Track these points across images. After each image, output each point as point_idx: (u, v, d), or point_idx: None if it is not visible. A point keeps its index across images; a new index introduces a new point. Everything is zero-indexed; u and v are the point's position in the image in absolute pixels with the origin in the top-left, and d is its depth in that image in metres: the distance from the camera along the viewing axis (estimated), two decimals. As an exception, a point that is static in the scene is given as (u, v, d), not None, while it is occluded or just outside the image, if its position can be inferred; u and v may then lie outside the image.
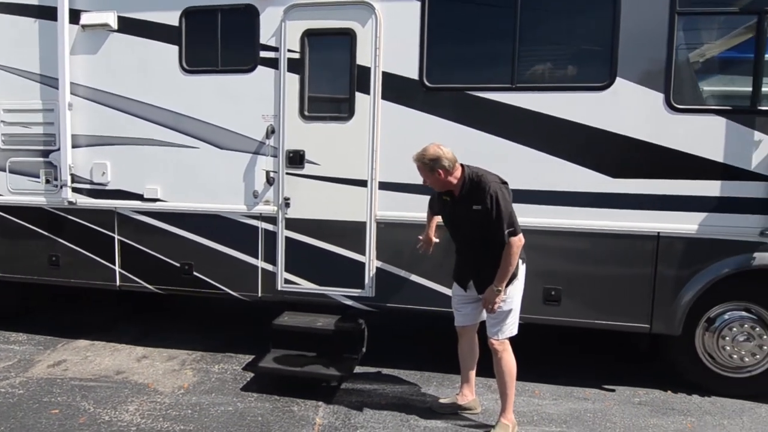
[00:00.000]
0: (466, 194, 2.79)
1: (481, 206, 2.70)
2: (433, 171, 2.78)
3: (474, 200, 2.74)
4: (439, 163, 2.74)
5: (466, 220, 2.82)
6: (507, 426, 2.91)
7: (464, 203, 2.80)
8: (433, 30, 3.47)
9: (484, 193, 2.69)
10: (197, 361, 3.99)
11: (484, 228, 2.73)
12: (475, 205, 2.73)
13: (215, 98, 3.84)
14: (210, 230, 3.94)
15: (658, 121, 3.25)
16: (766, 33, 3.09)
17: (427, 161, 2.78)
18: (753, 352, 3.35)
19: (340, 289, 3.78)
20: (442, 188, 2.88)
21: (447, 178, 2.79)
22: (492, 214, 2.67)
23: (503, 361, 2.87)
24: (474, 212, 2.73)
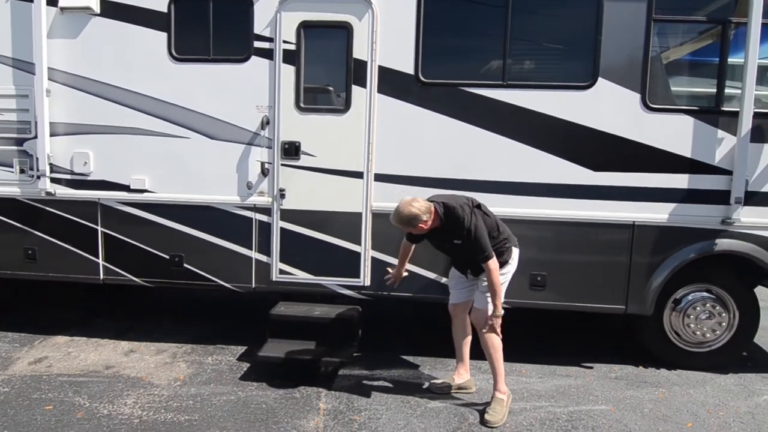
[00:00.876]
0: (446, 230, 3.00)
1: (461, 240, 2.96)
2: (415, 227, 2.97)
3: (454, 235, 2.98)
4: (418, 219, 2.93)
5: (451, 249, 3.14)
6: (501, 399, 3.09)
7: (445, 237, 3.04)
8: (428, 26, 3.59)
9: (462, 228, 2.93)
10: (188, 354, 3.95)
11: (470, 251, 3.01)
12: (455, 239, 2.98)
13: (207, 88, 3.79)
14: (201, 221, 3.90)
15: (635, 119, 3.53)
16: (728, 40, 3.42)
17: (405, 221, 2.96)
18: (713, 329, 3.74)
19: (336, 278, 3.86)
20: (425, 233, 3.07)
21: (428, 226, 2.98)
22: (471, 244, 2.94)
23: (488, 335, 3.07)
24: (456, 245, 3.01)
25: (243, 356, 3.91)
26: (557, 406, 3.27)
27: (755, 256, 3.54)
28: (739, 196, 3.44)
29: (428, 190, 3.69)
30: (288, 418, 3.04)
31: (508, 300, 3.73)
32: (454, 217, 2.95)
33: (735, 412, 3.23)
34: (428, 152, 3.69)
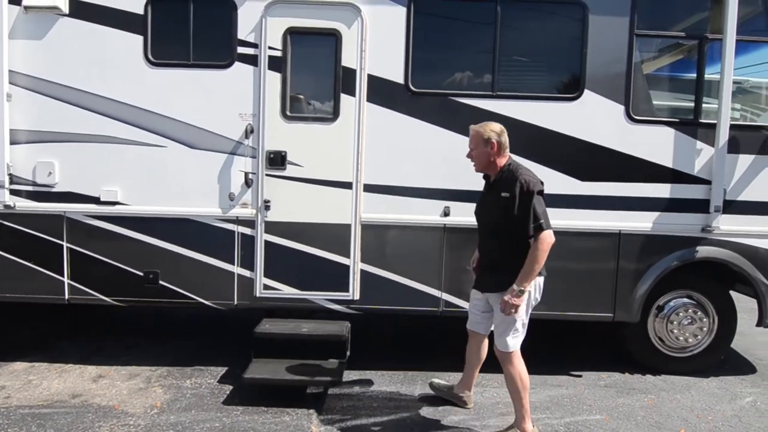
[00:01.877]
0: (500, 180, 2.75)
1: (509, 194, 2.63)
2: (488, 143, 2.72)
3: (504, 187, 2.69)
4: (498, 136, 2.71)
5: (492, 207, 2.78)
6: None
7: (495, 189, 2.77)
8: (418, 36, 3.56)
9: (515, 181, 2.63)
10: (164, 377, 3.69)
11: (506, 218, 2.66)
12: (503, 192, 2.67)
13: (186, 94, 3.60)
14: (179, 235, 3.68)
15: (619, 131, 3.62)
16: (705, 55, 3.57)
17: (487, 130, 2.74)
18: (695, 334, 3.84)
19: (324, 293, 3.72)
20: (484, 166, 2.82)
21: (494, 158, 2.74)
22: (516, 203, 2.60)
23: (506, 372, 2.82)
24: (502, 199, 2.67)
25: (225, 378, 3.69)
26: (553, 417, 3.25)
27: (732, 262, 3.68)
28: (717, 205, 3.57)
29: (419, 200, 3.66)
30: (280, 443, 2.87)
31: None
32: (515, 170, 2.70)
33: (722, 415, 3.31)
34: (418, 162, 3.64)
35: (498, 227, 2.76)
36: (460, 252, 3.68)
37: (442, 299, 3.71)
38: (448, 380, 3.48)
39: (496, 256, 2.81)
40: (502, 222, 2.71)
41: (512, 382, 2.80)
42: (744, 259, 3.66)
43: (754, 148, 3.61)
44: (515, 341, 2.79)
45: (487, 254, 2.91)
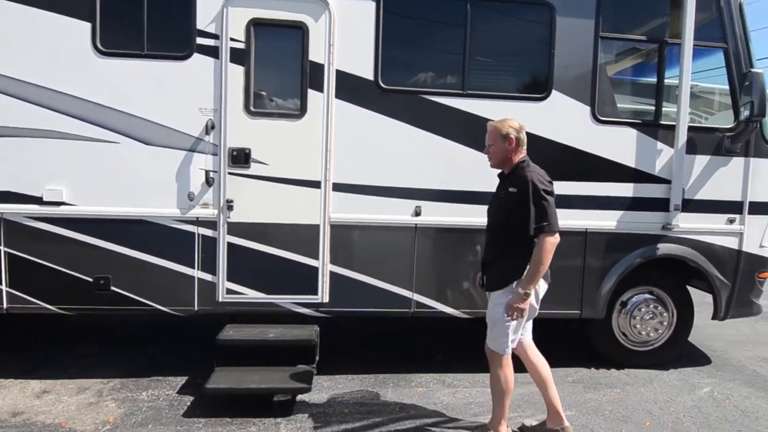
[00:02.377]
0: (510, 176, 2.70)
1: (516, 190, 2.57)
2: (505, 139, 2.66)
3: (513, 183, 2.63)
4: (517, 133, 2.65)
5: (499, 202, 2.72)
6: None
7: (505, 184, 2.72)
8: (388, 32, 3.48)
9: (525, 178, 2.56)
10: (117, 390, 3.43)
11: (509, 213, 2.60)
12: (511, 187, 2.61)
13: (140, 87, 3.36)
14: (133, 238, 3.43)
15: (586, 131, 3.67)
16: (665, 59, 3.69)
17: (506, 126, 2.67)
18: (656, 328, 3.97)
19: (291, 296, 3.57)
20: (500, 161, 2.73)
21: (511, 154, 2.67)
22: (521, 200, 2.53)
23: (493, 373, 2.74)
24: (508, 194, 2.61)
25: (185, 389, 3.48)
26: (525, 415, 3.25)
27: (690, 258, 3.82)
28: (677, 204, 3.70)
29: (390, 200, 3.58)
30: (247, 457, 2.71)
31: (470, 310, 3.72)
32: (525, 167, 2.64)
33: (683, 406, 3.42)
34: (389, 161, 3.56)
35: (501, 223, 2.69)
36: (431, 252, 3.64)
37: (413, 300, 3.65)
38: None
39: (497, 253, 2.72)
40: (505, 217, 2.65)
41: (497, 384, 2.74)
42: (701, 255, 3.81)
43: (709, 149, 3.76)
44: (508, 344, 2.70)
45: (489, 252, 2.80)
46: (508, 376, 2.73)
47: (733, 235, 3.84)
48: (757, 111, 3.47)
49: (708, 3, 3.69)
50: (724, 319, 3.94)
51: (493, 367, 2.75)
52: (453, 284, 3.68)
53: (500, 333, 2.68)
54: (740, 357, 4.40)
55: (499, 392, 2.75)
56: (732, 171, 3.79)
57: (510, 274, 2.63)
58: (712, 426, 3.17)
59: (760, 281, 3.93)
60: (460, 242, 3.68)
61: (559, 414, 2.88)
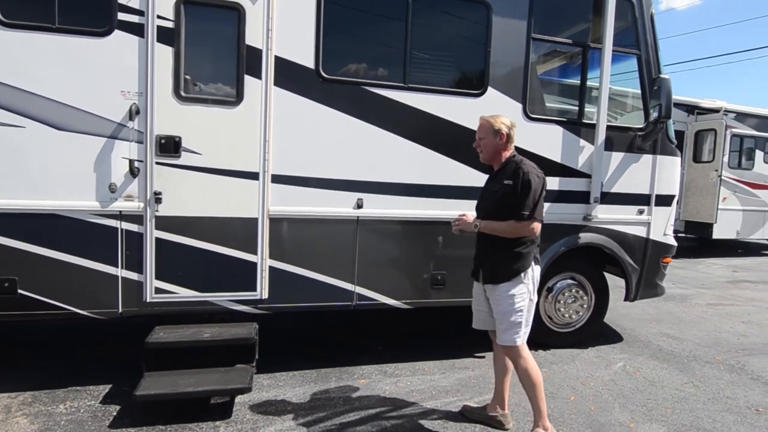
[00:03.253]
0: (504, 170, 2.74)
1: (512, 182, 2.63)
2: (497, 134, 2.72)
3: (507, 176, 2.68)
4: (508, 129, 2.72)
5: (494, 195, 2.74)
6: None
7: (498, 177, 2.76)
8: (329, 20, 3.39)
9: (519, 171, 2.64)
10: (30, 404, 3.08)
11: (504, 205, 2.65)
12: (506, 180, 2.67)
13: (50, 65, 3.00)
14: (43, 235, 3.08)
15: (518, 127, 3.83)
16: (588, 62, 3.97)
17: (498, 122, 2.73)
18: (577, 311, 4.31)
19: (228, 293, 3.41)
20: (491, 156, 2.78)
21: (503, 149, 2.74)
22: (516, 191, 2.61)
23: (517, 368, 2.74)
24: (504, 186, 2.67)
25: (109, 398, 3.20)
26: (464, 399, 3.39)
27: (606, 246, 4.19)
28: (596, 196, 4.03)
29: (331, 192, 3.53)
30: (185, 465, 2.56)
31: (411, 300, 3.79)
32: (520, 161, 2.70)
33: (601, 381, 3.76)
34: (330, 152, 3.50)
35: (495, 214, 2.70)
36: (373, 244, 3.65)
37: (355, 293, 3.64)
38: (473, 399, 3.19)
39: (497, 246, 2.70)
40: (501, 209, 2.68)
41: (526, 378, 2.71)
42: (615, 243, 4.19)
43: (624, 146, 4.12)
44: (519, 335, 2.70)
45: (486, 245, 2.77)
46: (533, 366, 2.72)
47: (642, 225, 4.26)
48: (664, 113, 3.86)
49: (624, 12, 4.02)
50: (634, 300, 4.37)
51: (516, 362, 2.73)
52: (395, 276, 3.73)
53: (512, 325, 2.67)
54: (647, 334, 4.92)
55: (531, 386, 2.72)
56: (642, 167, 4.19)
57: (512, 264, 2.66)
58: (626, 396, 3.52)
59: (663, 265, 4.41)
60: (401, 234, 3.72)
61: (504, 402, 3.01)
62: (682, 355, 4.38)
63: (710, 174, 9.99)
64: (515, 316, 2.68)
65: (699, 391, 3.66)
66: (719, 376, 3.94)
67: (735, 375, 3.99)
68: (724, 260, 10.02)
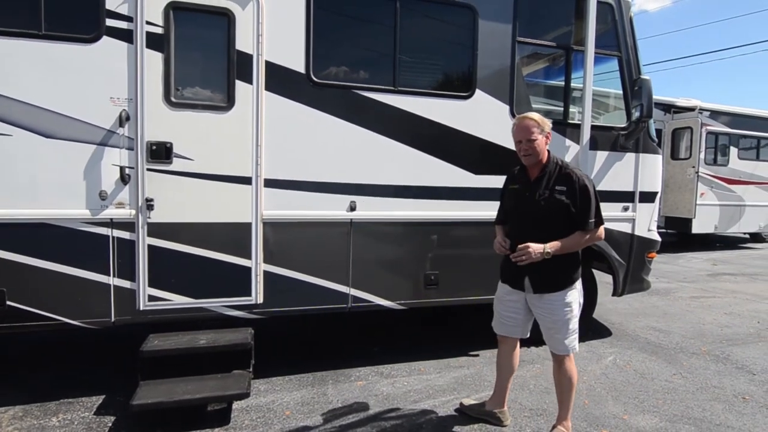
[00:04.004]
0: (551, 176, 2.61)
1: (567, 188, 2.53)
2: (543, 132, 2.60)
3: (557, 181, 2.58)
4: (539, 127, 2.59)
5: (544, 203, 2.59)
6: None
7: (546, 185, 2.61)
8: (319, 25, 3.42)
9: (570, 175, 2.56)
10: (20, 418, 3.01)
11: (562, 215, 2.55)
12: (558, 185, 2.56)
13: (36, 71, 2.96)
14: (32, 244, 3.03)
15: (506, 128, 3.91)
16: (571, 64, 4.07)
17: (544, 120, 2.63)
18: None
19: (222, 299, 3.39)
20: (537, 156, 2.63)
21: (536, 141, 2.59)
22: (577, 198, 2.53)
23: (563, 372, 2.72)
24: (556, 192, 2.56)
25: (103, 408, 3.15)
26: (461, 396, 3.42)
27: (594, 243, 4.27)
28: (580, 194, 4.10)
29: (324, 195, 3.55)
30: (185, 473, 2.53)
31: (406, 301, 3.82)
32: (566, 166, 2.61)
33: (593, 374, 3.84)
34: (322, 156, 3.52)
35: (552, 224, 2.58)
36: (367, 246, 3.67)
37: (350, 295, 3.65)
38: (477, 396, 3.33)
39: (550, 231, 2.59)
40: (556, 217, 2.57)
41: (569, 382, 2.71)
42: (602, 240, 4.27)
43: (607, 145, 4.23)
44: (576, 341, 2.71)
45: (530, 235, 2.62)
46: (575, 372, 2.76)
47: (627, 221, 4.37)
48: (646, 113, 3.98)
49: (605, 15, 4.14)
50: (621, 294, 4.47)
51: (565, 368, 2.70)
52: (389, 277, 3.75)
53: (569, 333, 2.65)
54: (634, 327, 5.04)
55: (570, 390, 2.74)
56: (625, 165, 4.31)
57: (571, 272, 2.63)
58: (618, 389, 3.60)
59: (648, 260, 4.53)
60: (394, 235, 3.76)
61: (504, 400, 3.05)
62: (670, 348, 4.50)
63: (688, 170, 10.29)
64: (573, 323, 2.65)
65: (687, 382, 3.76)
66: (706, 367, 4.06)
67: (720, 365, 4.11)
68: (703, 254, 10.31)
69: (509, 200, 2.83)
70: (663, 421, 3.15)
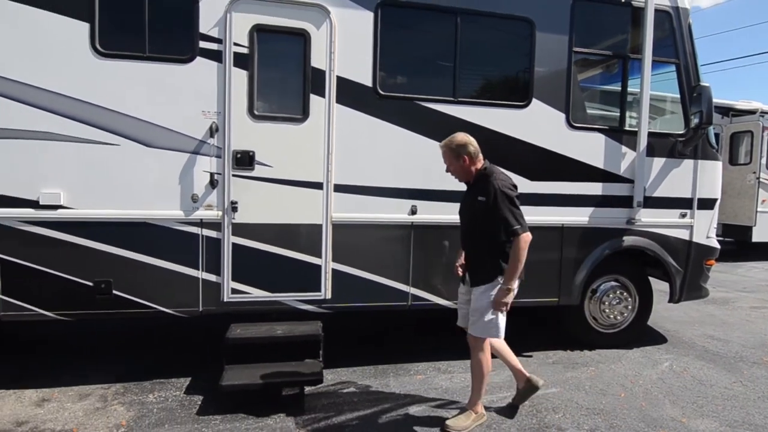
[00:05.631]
0: (475, 184, 2.92)
1: (484, 198, 2.79)
2: (459, 157, 2.85)
3: (479, 191, 2.85)
4: (465, 149, 2.84)
5: (470, 209, 2.92)
6: (469, 414, 3.04)
7: (472, 193, 2.94)
8: (385, 42, 3.68)
9: (489, 186, 2.79)
10: (122, 394, 3.42)
11: (482, 220, 2.84)
12: (479, 196, 2.83)
13: (141, 89, 3.37)
14: (135, 241, 3.43)
15: (561, 136, 4.06)
16: (627, 71, 4.15)
17: (454, 146, 2.85)
18: (622, 312, 4.44)
19: (295, 293, 3.70)
20: (464, 176, 2.95)
21: (470, 166, 2.87)
22: (490, 207, 2.77)
23: (475, 357, 2.98)
24: (477, 202, 2.83)
25: (192, 389, 3.52)
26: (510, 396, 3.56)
27: (650, 248, 4.31)
28: (639, 200, 4.17)
29: (388, 199, 3.79)
30: (270, 447, 2.83)
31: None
32: (490, 174, 2.85)
33: (649, 379, 3.88)
34: (387, 162, 3.77)
35: (475, 228, 2.92)
36: (426, 248, 3.89)
37: (410, 294, 3.88)
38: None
39: (477, 253, 2.97)
40: (479, 223, 2.88)
41: (480, 368, 2.98)
42: (658, 246, 4.32)
43: (665, 152, 4.27)
44: (499, 330, 2.95)
45: (469, 252, 3.04)
46: (489, 360, 3.02)
47: (685, 228, 4.38)
48: (705, 119, 3.99)
49: (662, 23, 4.19)
50: (679, 301, 4.47)
51: (476, 353, 2.97)
52: (446, 277, 3.94)
53: (487, 322, 2.91)
54: (691, 335, 5.00)
55: (481, 376, 3.00)
56: (683, 171, 4.32)
57: (493, 271, 2.88)
58: (675, 394, 3.64)
59: (707, 268, 4.50)
60: (453, 238, 3.94)
61: (524, 372, 3.29)
62: (729, 356, 4.45)
63: (748, 176, 9.87)
64: (490, 314, 2.91)
65: (748, 390, 3.74)
66: (767, 376, 4.01)
67: (784, 374, 4.05)
68: (764, 263, 9.85)
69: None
70: (723, 425, 3.19)
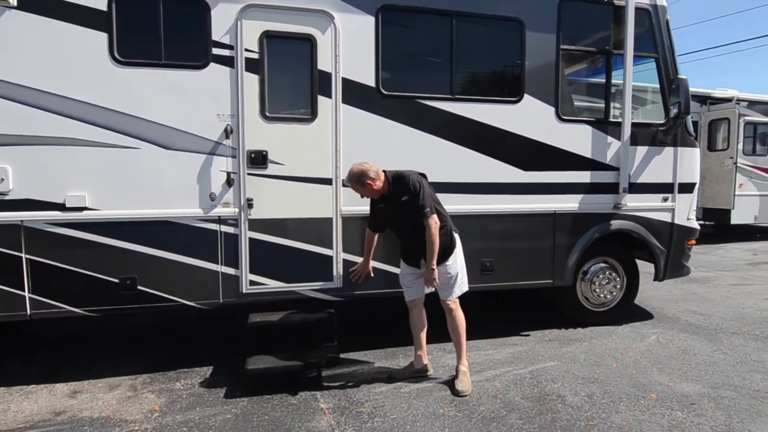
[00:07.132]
0: (394, 191, 3.37)
1: (408, 196, 3.29)
2: (364, 184, 3.33)
3: (401, 193, 3.33)
4: (366, 176, 3.31)
5: (400, 212, 3.37)
6: (465, 372, 3.54)
7: (394, 199, 3.38)
8: (386, 44, 3.92)
9: (408, 184, 3.30)
10: (150, 383, 3.63)
11: (413, 214, 3.30)
12: (403, 196, 3.31)
13: (159, 94, 3.56)
14: (157, 238, 3.63)
15: (551, 128, 4.35)
16: (611, 66, 4.45)
17: (356, 179, 3.34)
18: (611, 291, 4.77)
19: (309, 283, 3.94)
20: (376, 195, 3.43)
21: (376, 186, 3.34)
22: (417, 199, 3.28)
23: (456, 317, 3.52)
24: (403, 203, 3.31)
25: (215, 376, 3.74)
26: (518, 368, 3.87)
27: (635, 231, 4.64)
28: (625, 187, 4.49)
29: (393, 192, 4.01)
30: (297, 423, 3.08)
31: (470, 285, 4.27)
32: (402, 178, 3.35)
33: (638, 351, 4.21)
34: (391, 158, 4.00)
35: (411, 224, 3.37)
36: (430, 237, 4.13)
37: (416, 280, 4.12)
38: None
39: (418, 242, 3.40)
40: (414, 217, 3.33)
41: (457, 327, 3.52)
42: (643, 228, 4.65)
43: (647, 140, 4.59)
44: (460, 288, 3.53)
45: (410, 243, 3.54)
46: (462, 318, 3.56)
47: (667, 211, 4.71)
48: (683, 110, 4.32)
49: (642, 20, 4.50)
50: (663, 279, 4.81)
51: (456, 314, 3.52)
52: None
53: (461, 284, 3.54)
54: (675, 311, 5.36)
55: (460, 334, 3.54)
56: (664, 158, 4.65)
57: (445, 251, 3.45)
58: (662, 362, 3.97)
59: (688, 247, 4.85)
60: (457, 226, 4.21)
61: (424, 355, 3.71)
62: (710, 328, 4.81)
63: (725, 162, 10.34)
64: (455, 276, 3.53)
65: (728, 357, 4.09)
66: (745, 344, 4.37)
67: (760, 343, 4.41)
68: (743, 244, 10.35)
69: (379, 215, 3.59)
70: (705, 387, 3.52)
